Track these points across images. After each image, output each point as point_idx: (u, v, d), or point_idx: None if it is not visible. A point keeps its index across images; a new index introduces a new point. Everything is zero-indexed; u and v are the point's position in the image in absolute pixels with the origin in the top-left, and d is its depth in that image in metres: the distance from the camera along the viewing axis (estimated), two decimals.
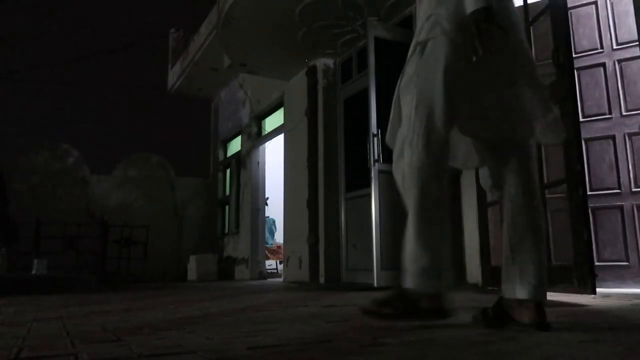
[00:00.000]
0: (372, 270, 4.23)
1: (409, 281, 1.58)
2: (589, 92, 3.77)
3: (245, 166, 8.75)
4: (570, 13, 3.69)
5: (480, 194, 3.64)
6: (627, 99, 3.64)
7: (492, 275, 3.46)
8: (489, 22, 1.52)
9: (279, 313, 2.34)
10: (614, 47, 3.73)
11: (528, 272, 1.58)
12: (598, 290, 2.54)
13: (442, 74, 1.56)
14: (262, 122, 8.41)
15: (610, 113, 3.67)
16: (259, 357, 1.18)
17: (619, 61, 3.70)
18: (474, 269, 3.69)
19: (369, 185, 4.43)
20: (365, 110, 4.52)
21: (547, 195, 2.91)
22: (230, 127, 9.65)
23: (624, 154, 3.60)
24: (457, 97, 1.58)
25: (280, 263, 9.23)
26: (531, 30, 3.10)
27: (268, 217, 9.42)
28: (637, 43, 2.74)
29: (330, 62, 6.38)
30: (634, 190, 3.54)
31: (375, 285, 4.16)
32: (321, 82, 6.33)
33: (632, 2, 2.75)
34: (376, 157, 4.35)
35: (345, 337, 1.48)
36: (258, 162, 8.49)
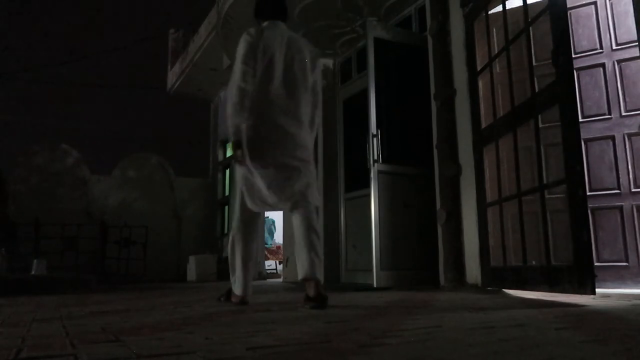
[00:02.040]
0: (371, 270, 4.23)
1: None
2: (589, 92, 3.77)
3: None
4: (570, 13, 3.68)
5: (480, 194, 3.64)
6: (627, 99, 3.64)
7: (491, 275, 3.46)
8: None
9: (278, 313, 2.34)
10: (614, 47, 3.73)
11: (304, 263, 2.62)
12: (598, 290, 2.54)
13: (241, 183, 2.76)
14: None
15: (609, 113, 3.67)
16: (258, 357, 1.18)
17: (619, 62, 3.70)
18: (473, 269, 3.69)
19: (369, 186, 4.43)
20: (365, 110, 4.52)
21: (547, 196, 2.90)
22: None
23: (624, 154, 3.60)
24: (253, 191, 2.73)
25: (279, 263, 9.23)
26: (530, 31, 3.09)
27: (267, 217, 9.42)
28: (637, 43, 2.74)
29: (329, 62, 6.38)
30: (633, 190, 3.54)
31: (375, 285, 4.16)
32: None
33: (631, 2, 2.75)
34: (375, 157, 4.35)
35: (345, 337, 1.47)
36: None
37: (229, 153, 9.95)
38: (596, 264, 3.30)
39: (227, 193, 9.67)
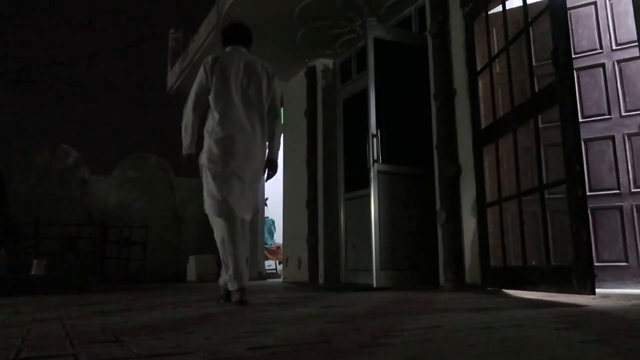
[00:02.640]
0: (371, 270, 4.23)
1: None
2: (589, 92, 3.77)
3: None
4: (570, 13, 3.68)
5: (480, 194, 3.64)
6: (627, 99, 3.64)
7: (491, 275, 3.46)
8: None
9: (278, 313, 2.34)
10: (614, 47, 3.73)
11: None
12: (597, 290, 2.54)
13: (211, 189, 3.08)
14: None
15: (609, 113, 3.67)
16: (258, 357, 1.18)
17: (619, 62, 3.70)
18: (473, 269, 3.69)
19: (368, 186, 4.43)
20: (365, 110, 4.52)
21: (547, 196, 2.90)
22: None
23: (624, 154, 3.59)
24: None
25: (279, 264, 9.23)
26: (530, 31, 3.10)
27: (267, 217, 9.41)
28: (637, 44, 2.74)
29: (329, 62, 6.38)
30: (633, 190, 3.54)
31: (375, 285, 4.16)
32: (320, 83, 6.33)
33: (631, 2, 2.75)
34: (375, 157, 4.35)
35: (345, 337, 1.48)
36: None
37: None
38: (596, 264, 3.30)
39: None
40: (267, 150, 3.24)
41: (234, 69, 3.10)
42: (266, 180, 3.31)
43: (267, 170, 3.27)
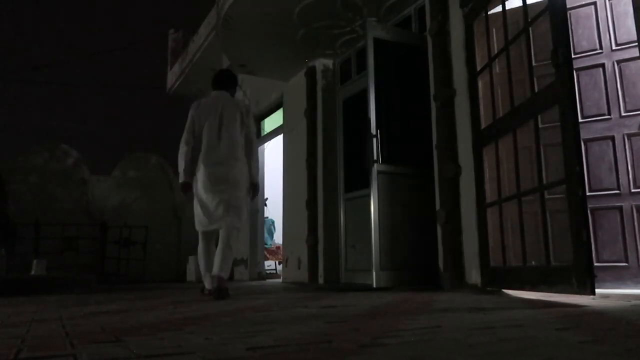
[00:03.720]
0: (371, 270, 4.23)
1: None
2: (588, 92, 3.77)
3: None
4: (570, 14, 3.68)
5: (480, 194, 3.64)
6: (626, 99, 3.64)
7: (491, 275, 3.46)
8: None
9: (278, 314, 2.34)
10: (613, 47, 3.73)
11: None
12: (597, 291, 2.54)
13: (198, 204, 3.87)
14: (261, 122, 8.42)
15: (609, 114, 3.68)
16: (258, 357, 1.18)
17: (618, 62, 3.70)
18: (473, 269, 3.69)
19: (368, 186, 4.43)
20: (365, 110, 4.52)
21: (547, 196, 2.90)
22: None
23: (623, 154, 3.60)
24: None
25: (279, 264, 9.23)
26: (530, 31, 3.09)
27: (267, 217, 9.41)
28: (636, 44, 2.74)
29: (329, 62, 6.38)
30: (633, 191, 3.54)
31: (375, 285, 4.16)
32: (320, 83, 6.33)
33: (631, 2, 2.76)
34: (375, 157, 4.35)
35: (345, 337, 1.48)
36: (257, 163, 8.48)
37: None
38: (596, 264, 3.30)
39: None
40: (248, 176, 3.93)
41: (214, 110, 3.86)
42: (251, 200, 4.10)
43: (251, 192, 3.99)
